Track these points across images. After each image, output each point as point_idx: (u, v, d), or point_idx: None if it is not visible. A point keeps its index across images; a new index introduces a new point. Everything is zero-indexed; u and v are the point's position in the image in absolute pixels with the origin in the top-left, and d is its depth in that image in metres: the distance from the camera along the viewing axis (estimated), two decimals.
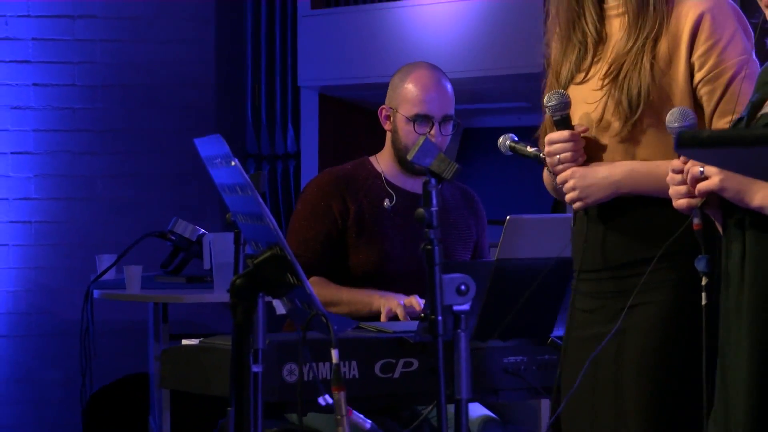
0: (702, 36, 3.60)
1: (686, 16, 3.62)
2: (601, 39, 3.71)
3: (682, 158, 3.20)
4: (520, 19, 7.00)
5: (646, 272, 3.57)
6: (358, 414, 3.95)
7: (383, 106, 5.06)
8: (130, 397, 8.21)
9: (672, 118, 3.32)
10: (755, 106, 3.25)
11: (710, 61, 3.59)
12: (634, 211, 3.63)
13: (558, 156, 3.64)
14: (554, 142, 3.65)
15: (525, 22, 6.96)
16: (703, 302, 3.24)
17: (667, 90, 3.61)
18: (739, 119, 3.28)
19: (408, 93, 4.98)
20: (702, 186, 3.16)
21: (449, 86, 5.03)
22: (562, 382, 3.74)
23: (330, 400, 3.55)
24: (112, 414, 8.24)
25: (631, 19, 3.65)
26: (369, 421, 4.05)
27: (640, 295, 3.59)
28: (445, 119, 4.97)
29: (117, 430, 8.24)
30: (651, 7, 3.63)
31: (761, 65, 3.49)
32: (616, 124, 3.63)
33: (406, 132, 4.97)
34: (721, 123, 3.57)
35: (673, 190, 3.23)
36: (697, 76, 3.61)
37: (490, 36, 7.13)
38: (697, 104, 3.61)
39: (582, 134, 3.65)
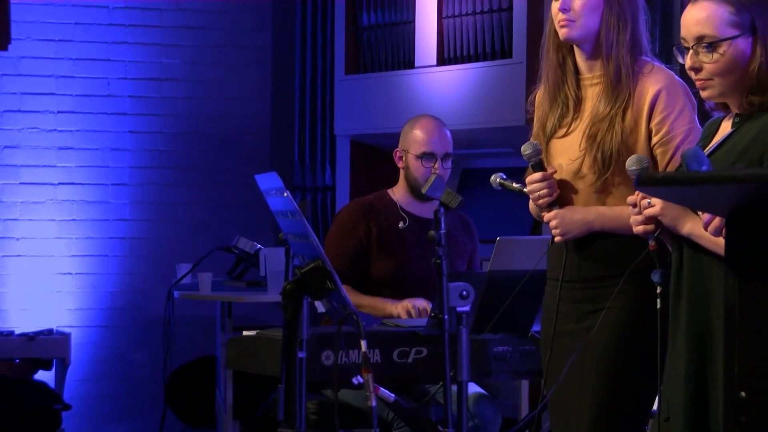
0: (658, 108, 3.59)
1: (647, 91, 3.61)
2: (579, 102, 3.70)
3: (636, 195, 3.20)
4: (505, 84, 6.98)
5: (610, 284, 3.57)
6: (384, 390, 3.95)
7: (397, 150, 5.08)
8: (201, 375, 8.18)
9: (630, 162, 3.32)
10: None
11: (663, 128, 3.59)
12: (601, 239, 3.63)
13: (537, 192, 3.64)
14: (532, 181, 3.67)
15: (509, 86, 6.94)
16: (658, 306, 3.22)
17: (632, 150, 3.59)
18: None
19: (416, 137, 5.01)
20: (647, 212, 3.16)
21: (448, 132, 5.07)
22: (548, 364, 3.73)
23: (361, 380, 3.55)
24: (187, 388, 8.22)
25: (608, 91, 3.63)
26: (393, 395, 4.05)
27: (605, 301, 3.59)
28: (446, 156, 5.00)
29: (191, 401, 8.22)
30: (623, 83, 3.62)
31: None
32: (591, 177, 3.63)
33: (416, 167, 4.99)
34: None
35: (632, 220, 3.22)
36: (654, 140, 3.61)
37: (482, 96, 7.12)
38: (654, 160, 3.60)
39: (557, 178, 3.66)
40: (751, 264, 2.50)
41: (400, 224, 5.01)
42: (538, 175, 3.65)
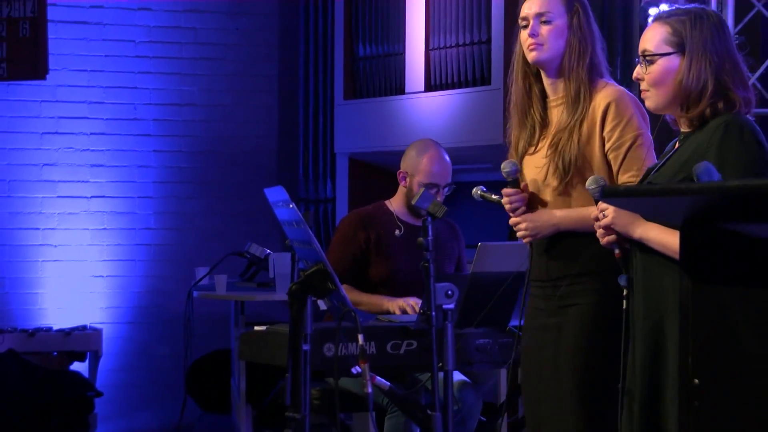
0: (609, 118, 3.59)
1: (599, 104, 3.61)
2: (545, 123, 3.70)
3: (598, 209, 3.21)
4: (485, 108, 6.98)
5: (575, 283, 3.56)
6: (380, 378, 3.94)
7: (401, 171, 4.99)
8: (217, 366, 8.17)
9: (589, 182, 3.30)
10: (649, 171, 3.25)
11: (614, 135, 3.58)
12: (566, 241, 3.61)
13: (510, 204, 3.64)
14: (508, 195, 3.66)
15: (488, 110, 6.94)
16: (624, 307, 3.20)
17: (588, 157, 3.59)
18: (646, 173, 3.29)
19: (424, 167, 4.90)
20: (602, 222, 3.18)
21: (449, 162, 4.96)
22: (522, 355, 3.72)
23: (359, 369, 3.54)
24: (205, 378, 8.20)
25: (568, 106, 3.64)
26: (387, 383, 4.04)
27: (573, 298, 3.58)
28: (447, 185, 4.94)
29: (208, 389, 8.20)
30: (581, 99, 3.62)
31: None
32: (554, 182, 3.62)
33: (418, 191, 4.92)
34: (625, 177, 3.57)
35: (598, 233, 3.22)
36: (607, 146, 3.59)
37: (465, 118, 7.12)
38: (608, 165, 3.60)
39: (527, 189, 3.66)
40: (703, 267, 2.50)
41: (396, 232, 4.99)
42: (511, 190, 3.65)
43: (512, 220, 3.64)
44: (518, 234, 3.64)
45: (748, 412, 2.39)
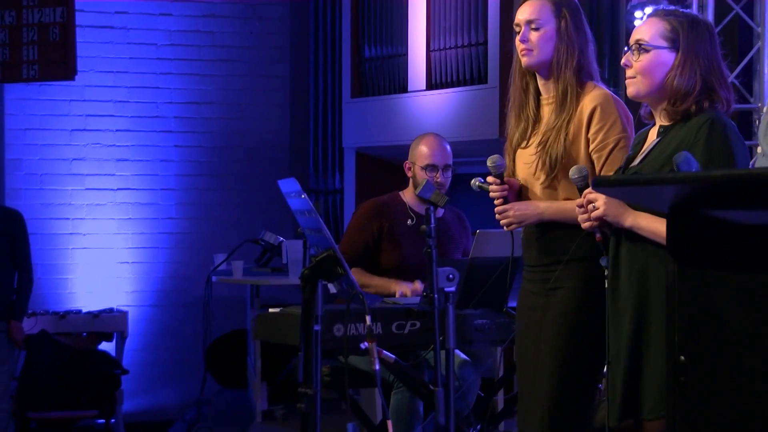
0: (594, 120, 3.57)
1: (587, 106, 3.58)
2: (537, 120, 3.69)
3: (583, 198, 3.20)
4: (482, 105, 6.97)
5: (558, 269, 3.56)
6: (386, 352, 3.92)
7: (406, 162, 5.01)
8: (235, 345, 8.18)
9: (572, 172, 3.32)
10: (630, 160, 3.25)
11: (598, 137, 3.56)
12: (550, 231, 3.60)
13: (495, 194, 3.64)
14: (493, 189, 3.66)
15: (485, 107, 6.93)
16: (606, 287, 3.20)
17: (574, 156, 3.58)
18: (618, 168, 3.29)
19: (422, 152, 4.94)
20: (594, 214, 3.18)
21: (448, 146, 4.98)
22: (515, 334, 3.71)
23: (367, 345, 3.52)
24: (223, 356, 8.21)
25: (557, 107, 3.62)
26: (393, 356, 4.03)
27: (560, 281, 3.56)
28: (446, 167, 4.93)
29: (226, 366, 8.20)
30: (569, 101, 3.60)
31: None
32: (542, 177, 3.62)
33: (421, 176, 4.92)
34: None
35: (580, 219, 3.23)
36: (591, 146, 3.58)
37: (463, 115, 7.11)
38: (592, 163, 3.58)
39: (511, 182, 3.67)
40: (688, 250, 2.48)
41: (408, 221, 4.98)
42: (497, 181, 3.65)
43: (499, 208, 3.63)
44: (502, 222, 3.63)
45: (730, 386, 2.38)
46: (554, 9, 3.62)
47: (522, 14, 3.65)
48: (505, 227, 3.64)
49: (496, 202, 3.66)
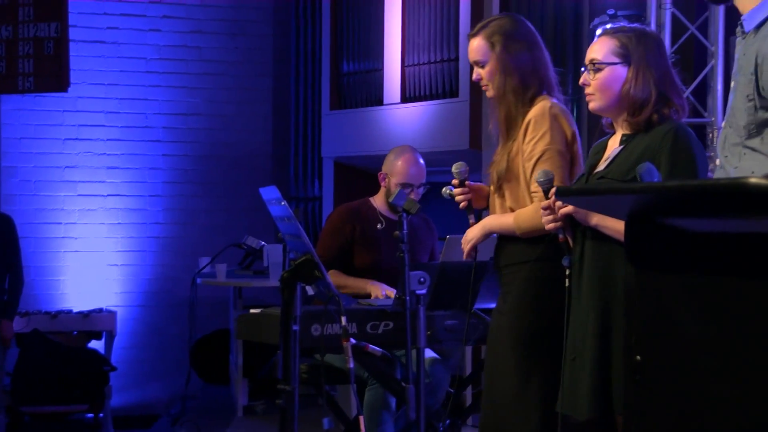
0: (528, 133, 3.58)
1: (523, 122, 3.59)
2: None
3: (549, 200, 3.19)
4: (453, 117, 6.97)
5: (509, 272, 3.56)
6: (373, 346, 3.91)
7: (381, 172, 4.97)
8: (218, 344, 8.15)
9: (538, 175, 3.31)
10: (591, 167, 3.25)
11: (527, 149, 3.57)
12: (504, 241, 3.61)
13: (459, 199, 3.68)
14: (456, 193, 3.68)
15: (456, 119, 6.93)
16: (566, 285, 3.20)
17: (515, 169, 3.58)
18: (582, 175, 3.29)
19: (400, 168, 4.89)
20: (562, 211, 3.18)
21: (423, 165, 4.94)
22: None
23: (354, 341, 3.51)
24: (206, 354, 8.18)
25: (502, 127, 3.64)
26: (380, 350, 4.01)
27: (508, 285, 3.57)
28: (421, 185, 4.92)
29: (210, 364, 8.17)
30: (511, 120, 3.63)
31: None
32: (493, 188, 3.65)
33: (395, 191, 4.90)
34: (533, 186, 3.54)
35: (544, 220, 3.22)
36: (524, 157, 3.58)
37: (436, 127, 7.11)
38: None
39: (472, 187, 3.70)
40: (645, 257, 2.48)
41: (378, 225, 4.97)
42: (460, 189, 3.69)
43: (462, 241, 3.65)
44: (465, 251, 3.63)
45: (683, 386, 2.38)
46: (487, 42, 3.63)
47: (469, 56, 3.70)
48: (465, 256, 3.65)
49: (461, 206, 3.68)
